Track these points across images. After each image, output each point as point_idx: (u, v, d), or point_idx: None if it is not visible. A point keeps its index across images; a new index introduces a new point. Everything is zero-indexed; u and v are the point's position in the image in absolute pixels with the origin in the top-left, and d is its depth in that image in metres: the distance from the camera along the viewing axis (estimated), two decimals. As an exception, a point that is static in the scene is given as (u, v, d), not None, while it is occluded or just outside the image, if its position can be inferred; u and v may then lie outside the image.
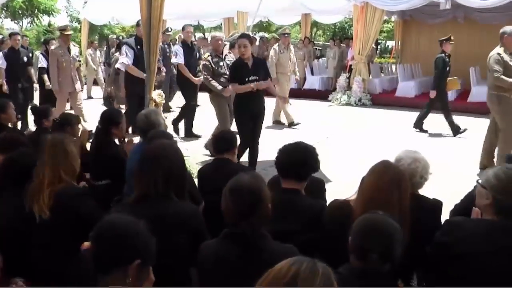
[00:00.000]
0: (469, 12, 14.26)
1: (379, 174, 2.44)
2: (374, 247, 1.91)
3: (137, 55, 7.04)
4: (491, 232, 2.20)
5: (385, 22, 22.51)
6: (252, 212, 2.04)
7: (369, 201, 2.36)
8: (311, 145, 2.82)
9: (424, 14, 15.10)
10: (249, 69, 5.58)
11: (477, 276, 2.10)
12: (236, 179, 2.14)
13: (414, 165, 2.71)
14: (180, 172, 2.51)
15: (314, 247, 2.45)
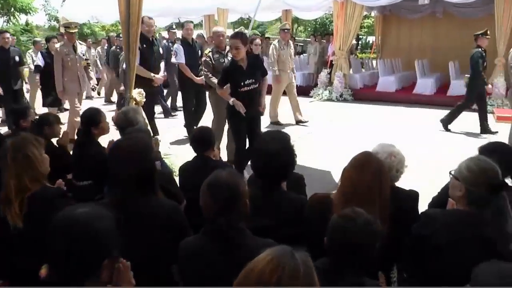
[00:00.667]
0: (448, 7, 14.43)
1: (360, 166, 2.46)
2: (349, 260, 1.94)
3: (142, 54, 6.75)
4: (464, 222, 2.24)
5: (365, 18, 22.69)
6: (229, 208, 2.05)
7: (350, 194, 2.38)
8: (285, 145, 2.76)
9: (404, 9, 15.24)
10: (244, 71, 5.26)
11: (454, 266, 2.14)
12: (213, 175, 2.15)
13: (390, 159, 2.74)
14: (148, 168, 2.46)
15: (295, 242, 2.46)
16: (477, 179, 2.26)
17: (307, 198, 2.81)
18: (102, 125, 3.98)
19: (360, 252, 1.93)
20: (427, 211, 2.57)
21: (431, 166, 6.24)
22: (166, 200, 2.50)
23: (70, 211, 1.65)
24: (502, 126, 9.34)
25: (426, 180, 4.81)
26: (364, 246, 1.92)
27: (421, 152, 7.13)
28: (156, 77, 6.89)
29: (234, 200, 2.06)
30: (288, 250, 1.44)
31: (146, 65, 6.77)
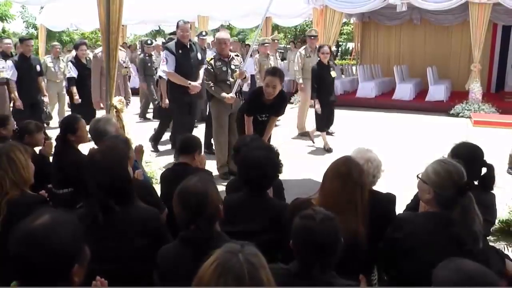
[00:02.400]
0: (425, 14, 14.69)
1: (340, 171, 2.50)
2: (314, 260, 1.95)
3: (177, 60, 6.52)
4: (434, 224, 2.30)
5: (344, 24, 22.90)
6: (198, 214, 2.08)
7: (331, 201, 2.41)
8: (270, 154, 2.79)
9: (382, 16, 15.45)
10: (267, 106, 5.13)
11: (427, 267, 2.19)
12: (183, 183, 2.19)
13: (366, 165, 2.78)
14: (123, 177, 2.45)
15: (276, 246, 2.49)
16: (444, 182, 2.32)
17: (286, 203, 2.85)
18: (80, 133, 3.90)
19: (323, 250, 1.93)
20: (400, 215, 2.63)
21: (410, 169, 6.32)
22: (143, 207, 2.50)
23: (29, 221, 1.60)
24: (479, 131, 9.53)
25: (403, 184, 4.88)
26: (327, 243, 1.92)
27: (400, 156, 7.24)
28: (192, 84, 6.47)
29: (203, 206, 2.08)
30: (235, 251, 1.48)
31: (182, 72, 6.49)
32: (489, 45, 14.53)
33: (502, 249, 3.96)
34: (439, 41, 15.53)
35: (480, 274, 1.60)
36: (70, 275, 1.59)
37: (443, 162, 2.44)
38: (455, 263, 1.64)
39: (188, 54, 6.62)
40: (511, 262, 2.56)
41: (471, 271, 1.61)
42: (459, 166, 2.36)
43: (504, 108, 11.45)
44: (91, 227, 2.32)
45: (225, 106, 6.14)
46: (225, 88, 6.09)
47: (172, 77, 6.56)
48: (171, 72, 6.51)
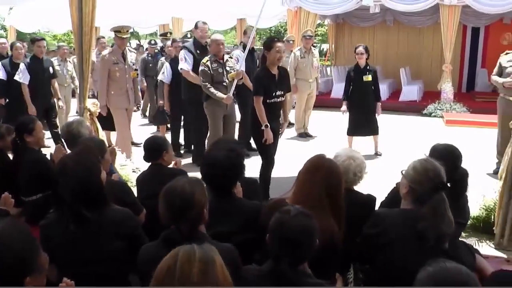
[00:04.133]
0: (397, 16, 14.89)
1: (312, 170, 2.53)
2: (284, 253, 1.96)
3: (197, 60, 6.46)
4: (406, 221, 2.35)
5: (319, 26, 23.06)
6: (180, 215, 2.09)
7: (303, 198, 2.44)
8: (231, 154, 2.78)
9: (356, 18, 15.61)
10: (276, 82, 5.04)
11: (399, 263, 2.24)
12: (171, 182, 2.18)
13: (347, 162, 2.84)
14: (95, 183, 2.43)
15: (252, 247, 2.50)
16: (419, 178, 2.39)
17: (260, 203, 2.87)
18: (36, 134, 3.76)
19: (293, 244, 1.94)
20: (376, 211, 2.68)
21: (387, 169, 6.43)
22: (117, 210, 2.49)
23: None
24: (451, 130, 9.72)
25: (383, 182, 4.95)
26: (297, 237, 1.94)
27: (378, 156, 7.36)
28: None
29: (186, 208, 2.08)
30: (190, 253, 1.52)
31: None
32: (459, 46, 14.83)
33: (473, 244, 4.07)
34: (412, 42, 15.78)
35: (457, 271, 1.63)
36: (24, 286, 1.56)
37: (424, 160, 2.51)
38: (437, 263, 1.67)
39: (206, 55, 6.57)
40: (481, 257, 2.63)
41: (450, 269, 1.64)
42: (439, 166, 2.42)
43: (474, 108, 11.71)
44: (65, 233, 2.31)
45: (220, 107, 6.19)
46: (221, 89, 6.15)
47: (190, 77, 6.59)
48: (189, 71, 6.55)
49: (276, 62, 5.01)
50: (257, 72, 5.30)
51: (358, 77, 7.41)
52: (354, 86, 7.43)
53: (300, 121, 9.27)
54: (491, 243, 4.31)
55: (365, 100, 7.41)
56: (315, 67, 9.11)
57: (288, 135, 8.79)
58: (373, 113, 7.42)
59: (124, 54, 6.69)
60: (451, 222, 2.29)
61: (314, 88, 9.21)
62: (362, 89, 7.39)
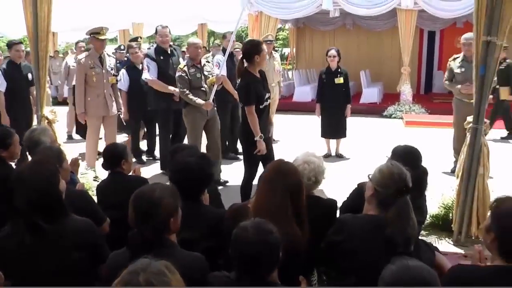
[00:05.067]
0: (357, 20, 15.17)
1: (270, 174, 2.54)
2: (245, 269, 1.97)
3: (159, 67, 6.29)
4: (371, 226, 2.37)
5: (280, 30, 23.22)
6: (145, 220, 2.07)
7: (264, 202, 2.44)
8: (200, 160, 2.78)
9: (316, 22, 15.80)
10: (263, 85, 4.81)
11: (365, 268, 2.26)
12: (142, 187, 2.19)
13: (302, 167, 2.83)
14: (53, 194, 2.36)
15: (215, 254, 2.48)
16: (384, 181, 2.42)
17: (224, 210, 2.86)
18: (12, 149, 3.66)
19: (258, 264, 1.93)
20: (340, 217, 2.69)
21: (349, 171, 6.51)
22: (76, 220, 2.42)
23: None
24: (411, 131, 9.94)
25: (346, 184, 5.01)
26: (260, 257, 1.92)
27: (341, 159, 7.45)
28: (177, 90, 6.16)
29: (152, 213, 2.07)
30: (136, 271, 1.50)
31: (164, 79, 6.30)
32: (417, 49, 15.22)
33: (433, 242, 4.16)
34: (371, 45, 16.09)
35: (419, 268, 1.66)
36: None
37: (391, 164, 2.53)
38: (400, 261, 1.70)
39: (170, 60, 6.44)
40: (440, 254, 2.69)
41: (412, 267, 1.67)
42: (405, 171, 2.45)
43: (432, 109, 12.04)
44: (20, 246, 2.23)
45: (201, 113, 5.96)
46: (200, 95, 5.92)
47: (155, 85, 6.37)
48: (154, 79, 6.32)
49: (263, 65, 4.90)
50: (243, 80, 4.82)
51: (330, 80, 7.50)
52: (326, 89, 7.51)
53: None
54: (449, 240, 4.42)
55: (337, 102, 7.52)
56: (277, 71, 9.11)
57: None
58: (343, 115, 7.56)
59: (102, 58, 6.34)
60: (415, 224, 2.32)
61: (276, 92, 9.19)
62: (334, 91, 7.49)
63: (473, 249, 2.33)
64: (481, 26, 3.99)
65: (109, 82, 6.43)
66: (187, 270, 1.99)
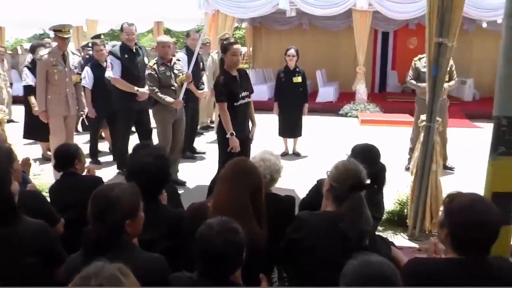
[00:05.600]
0: (313, 20, 15.35)
1: (228, 173, 2.54)
2: (208, 268, 1.96)
3: (124, 65, 6.16)
4: (328, 222, 2.41)
5: (236, 29, 23.22)
6: (101, 218, 2.03)
7: (224, 201, 2.45)
8: (156, 159, 2.74)
9: (273, 21, 15.92)
10: (238, 83, 4.93)
11: (324, 264, 2.30)
12: (103, 185, 2.20)
13: (258, 164, 2.86)
14: (5, 200, 2.27)
15: (175, 255, 2.47)
16: (339, 177, 2.47)
17: (183, 210, 2.85)
18: None
19: (221, 264, 1.93)
20: (299, 214, 2.72)
21: (308, 168, 6.60)
22: (30, 223, 2.35)
23: None
24: (366, 129, 10.16)
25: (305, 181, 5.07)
26: (226, 256, 1.92)
27: (299, 158, 7.53)
28: (140, 90, 6.17)
29: (108, 212, 2.03)
30: (88, 276, 1.49)
31: (128, 78, 6.18)
32: (371, 49, 15.57)
33: (389, 237, 4.28)
34: (327, 45, 16.33)
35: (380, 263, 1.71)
36: None
37: (347, 161, 2.60)
38: (362, 257, 1.73)
39: (135, 59, 6.32)
40: (396, 248, 2.77)
41: (373, 262, 1.71)
42: (361, 168, 2.50)
43: (386, 108, 12.34)
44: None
45: (170, 112, 5.88)
46: (170, 93, 5.84)
47: (118, 84, 6.21)
48: (117, 78, 6.17)
49: (233, 66, 4.92)
50: (217, 78, 5.07)
51: (288, 79, 7.55)
52: (284, 88, 7.54)
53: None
54: (405, 234, 4.55)
55: (295, 101, 7.58)
56: None
57: (209, 139, 8.78)
58: (301, 114, 7.64)
59: (65, 56, 6.15)
60: (370, 219, 2.37)
61: None
62: (292, 90, 7.54)
63: (429, 242, 2.41)
64: (433, 28, 4.12)
65: (72, 80, 6.25)
66: (147, 271, 1.98)
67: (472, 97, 13.99)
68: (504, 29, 2.70)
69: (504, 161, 2.67)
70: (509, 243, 2.77)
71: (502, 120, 2.66)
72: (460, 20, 4.10)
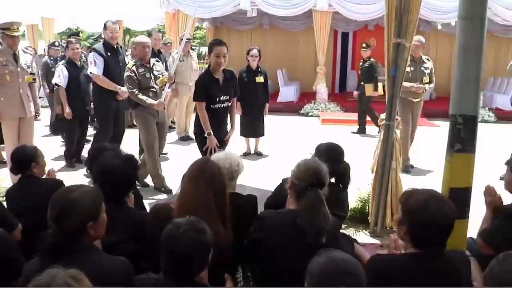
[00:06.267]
0: (273, 20, 15.41)
1: (192, 173, 2.54)
2: (174, 268, 1.96)
3: (106, 63, 6.06)
4: (287, 220, 2.45)
5: (197, 29, 23.11)
6: (58, 222, 1.99)
7: (187, 201, 2.44)
8: (124, 163, 2.72)
9: (234, 21, 15.88)
10: (220, 86, 4.88)
11: (288, 261, 2.33)
12: (64, 187, 2.14)
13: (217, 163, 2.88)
14: None
15: (139, 258, 2.45)
16: (299, 174, 2.53)
17: (147, 213, 2.83)
18: None
19: (187, 263, 1.93)
20: (261, 213, 2.74)
21: (271, 168, 6.63)
22: None
23: None
24: (327, 128, 10.29)
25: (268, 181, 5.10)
26: (191, 257, 1.92)
27: (262, 158, 7.55)
28: (122, 89, 6.09)
29: (64, 216, 1.99)
30: (44, 282, 1.47)
31: (110, 76, 6.10)
32: (331, 49, 15.75)
33: (352, 234, 4.36)
34: (288, 45, 16.42)
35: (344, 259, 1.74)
36: None
37: (309, 159, 2.65)
38: (326, 254, 1.76)
39: (117, 57, 6.23)
40: (358, 245, 2.83)
41: (338, 258, 1.74)
42: (322, 166, 2.55)
43: (347, 107, 12.53)
44: None
45: (151, 114, 5.72)
46: (151, 95, 5.70)
47: (100, 81, 6.11)
48: (99, 75, 6.07)
49: (216, 67, 4.86)
50: (199, 76, 5.07)
51: (250, 79, 7.56)
52: (247, 88, 7.49)
53: (181, 125, 9.21)
54: (367, 231, 4.65)
55: (257, 101, 7.60)
56: (194, 70, 9.10)
57: (170, 139, 8.70)
58: (262, 114, 7.66)
59: (16, 55, 5.77)
60: (328, 217, 2.41)
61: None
62: (254, 90, 7.55)
63: (389, 239, 2.47)
64: (392, 29, 4.22)
65: (26, 81, 5.91)
66: (109, 275, 1.95)
67: (430, 96, 14.37)
68: (458, 31, 2.79)
69: (460, 158, 2.76)
70: (465, 237, 2.87)
71: (457, 118, 2.75)
72: (417, 22, 4.22)
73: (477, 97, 2.77)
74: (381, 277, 2.05)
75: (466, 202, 2.79)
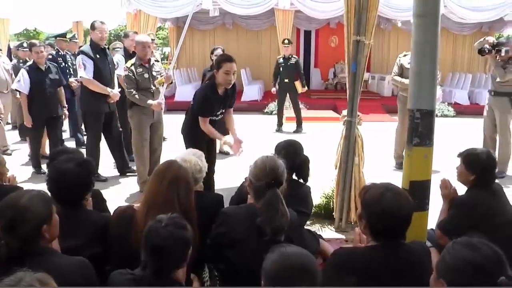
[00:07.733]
0: (236, 19, 15.45)
1: (159, 174, 2.54)
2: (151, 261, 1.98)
3: (96, 65, 5.84)
4: (250, 216, 2.47)
5: (159, 29, 22.90)
6: (11, 229, 1.95)
7: (151, 201, 2.44)
8: (77, 167, 2.65)
9: (196, 21, 15.80)
10: (220, 101, 4.58)
11: (247, 258, 2.35)
12: (11, 194, 2.05)
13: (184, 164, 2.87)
14: None
15: (102, 261, 2.42)
16: (257, 173, 2.57)
17: (108, 214, 2.80)
18: None
19: (164, 257, 1.96)
20: (224, 209, 2.77)
21: (235, 167, 6.64)
22: None
23: None
24: (291, 126, 10.38)
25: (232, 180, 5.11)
26: (168, 250, 1.96)
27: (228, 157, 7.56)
28: (113, 92, 5.97)
29: (18, 222, 1.95)
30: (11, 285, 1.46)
31: (100, 79, 5.89)
32: (294, 48, 15.86)
33: (317, 230, 4.41)
34: (251, 44, 16.48)
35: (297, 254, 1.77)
36: None
37: (266, 157, 2.66)
38: (279, 249, 1.78)
39: (106, 59, 6.03)
40: (324, 241, 2.87)
41: (290, 253, 1.76)
42: (279, 164, 2.58)
43: (311, 104, 12.66)
44: None
45: (147, 115, 5.59)
46: (148, 96, 5.54)
47: (92, 85, 5.88)
48: (91, 79, 5.84)
49: (226, 85, 4.47)
50: (206, 90, 4.56)
51: None
52: None
53: None
54: (332, 227, 4.70)
55: None
56: None
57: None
58: None
59: None
60: (286, 216, 2.45)
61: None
62: None
63: (354, 233, 2.52)
64: (351, 27, 4.29)
65: None
66: (68, 275, 1.94)
67: (391, 92, 14.65)
68: (413, 28, 2.86)
69: (418, 151, 2.83)
70: (426, 228, 2.94)
71: (415, 113, 2.81)
72: (375, 19, 4.30)
73: (433, 92, 2.84)
74: (342, 270, 2.10)
75: (425, 194, 2.86)
